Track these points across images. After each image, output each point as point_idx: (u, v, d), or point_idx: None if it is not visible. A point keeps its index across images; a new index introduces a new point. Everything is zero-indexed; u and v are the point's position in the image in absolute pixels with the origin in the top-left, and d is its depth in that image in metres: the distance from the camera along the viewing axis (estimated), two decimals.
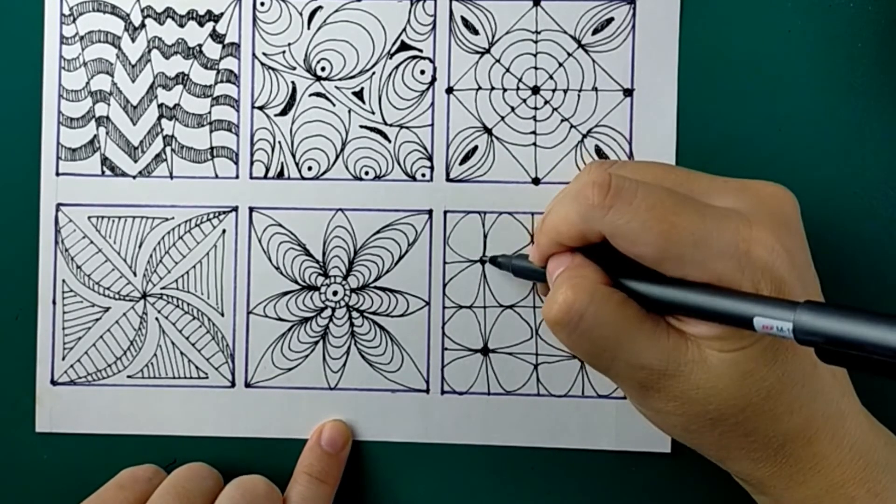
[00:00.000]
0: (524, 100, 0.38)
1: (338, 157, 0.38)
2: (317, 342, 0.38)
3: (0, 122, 0.39)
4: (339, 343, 0.38)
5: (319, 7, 0.38)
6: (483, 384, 0.38)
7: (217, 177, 0.39)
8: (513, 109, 0.38)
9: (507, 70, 0.38)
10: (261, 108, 0.39)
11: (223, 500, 0.34)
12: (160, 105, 0.39)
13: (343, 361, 0.38)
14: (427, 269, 0.38)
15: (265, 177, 0.39)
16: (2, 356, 0.39)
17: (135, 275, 0.39)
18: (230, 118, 0.39)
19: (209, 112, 0.39)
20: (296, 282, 0.38)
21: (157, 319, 0.39)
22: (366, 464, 0.38)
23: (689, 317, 0.29)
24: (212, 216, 0.39)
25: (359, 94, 0.38)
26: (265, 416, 0.38)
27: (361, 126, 0.38)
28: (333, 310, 0.38)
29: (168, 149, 0.39)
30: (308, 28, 0.38)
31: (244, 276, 0.38)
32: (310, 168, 0.38)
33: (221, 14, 0.39)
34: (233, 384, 0.38)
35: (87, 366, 0.39)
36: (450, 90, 0.38)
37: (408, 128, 0.38)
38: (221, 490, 0.35)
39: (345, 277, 0.38)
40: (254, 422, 0.38)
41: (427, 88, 0.38)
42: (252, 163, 0.39)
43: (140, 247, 0.39)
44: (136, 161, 0.39)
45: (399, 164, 0.38)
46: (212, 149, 0.39)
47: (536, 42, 0.38)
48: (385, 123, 0.38)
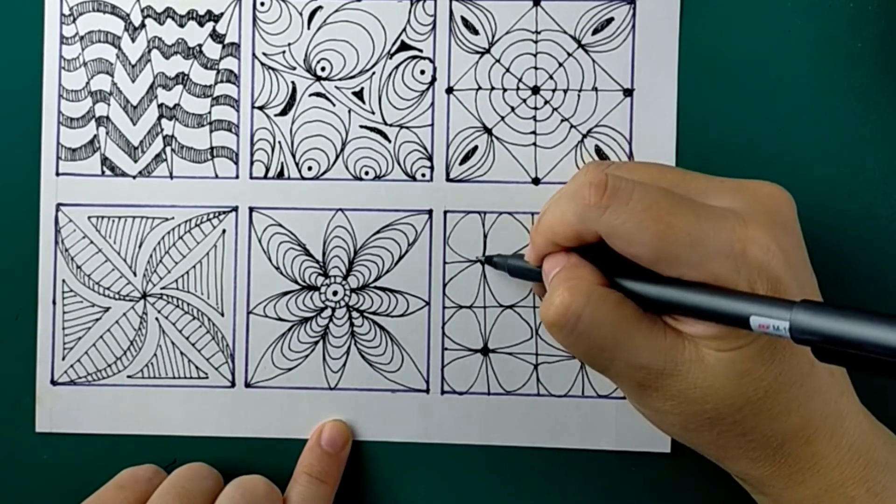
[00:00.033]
0: (524, 100, 0.38)
1: (338, 157, 0.38)
2: (317, 342, 0.38)
3: (0, 122, 0.39)
4: (339, 343, 0.38)
5: (319, 7, 0.38)
6: (483, 384, 0.38)
7: (217, 177, 0.39)
8: (513, 109, 0.38)
9: (507, 70, 0.38)
10: (261, 108, 0.39)
11: (223, 500, 0.34)
12: (160, 105, 0.39)
13: (343, 361, 0.38)
14: (427, 269, 0.38)
15: (265, 177, 0.39)
16: (2, 356, 0.39)
17: (135, 275, 0.39)
18: (230, 118, 0.39)
19: (209, 112, 0.39)
20: (296, 282, 0.38)
21: (157, 319, 0.39)
22: (366, 464, 0.38)
23: (686, 316, 0.29)
24: (212, 216, 0.39)
25: (359, 94, 0.38)
26: (265, 416, 0.38)
27: (361, 126, 0.38)
28: (333, 310, 0.38)
29: (168, 149, 0.39)
30: (308, 28, 0.38)
31: (244, 276, 0.38)
32: (310, 168, 0.38)
33: (221, 14, 0.39)
34: (233, 384, 0.38)
35: (87, 366, 0.39)
36: (450, 90, 0.38)
37: (408, 128, 0.38)
38: (221, 490, 0.35)
39: (345, 277, 0.38)
40: (254, 422, 0.38)
41: (427, 88, 0.38)
42: (252, 163, 0.39)
43: (140, 247, 0.39)
44: (136, 161, 0.39)
45: (399, 164, 0.38)
46: (212, 149, 0.39)
47: (536, 42, 0.38)
48: (385, 123, 0.38)
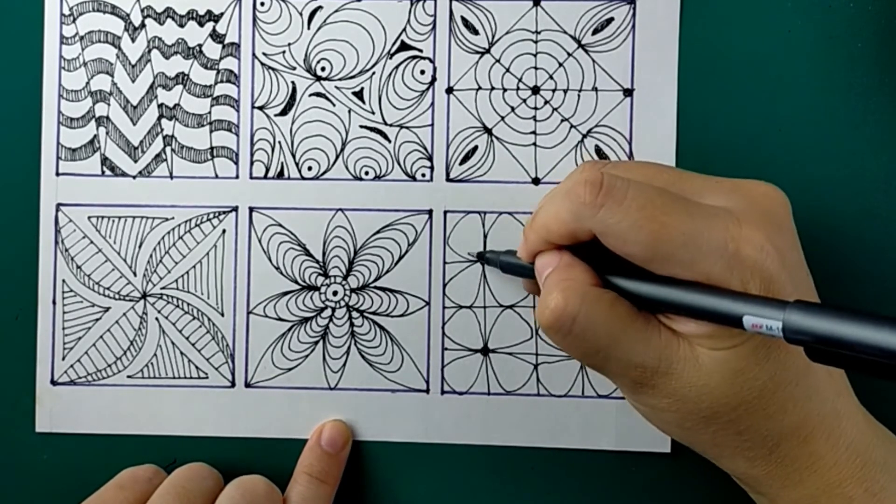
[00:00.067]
0: (524, 100, 0.38)
1: (338, 157, 0.38)
2: (317, 342, 0.38)
3: (0, 122, 0.39)
4: (339, 343, 0.38)
5: (319, 7, 0.38)
6: (483, 384, 0.38)
7: (217, 177, 0.39)
8: (513, 109, 0.38)
9: (507, 70, 0.38)
10: (261, 108, 0.39)
11: (223, 500, 0.34)
12: (160, 105, 0.39)
13: (343, 361, 0.38)
14: (427, 269, 0.38)
15: (265, 177, 0.39)
16: (2, 356, 0.39)
17: (135, 275, 0.39)
18: (230, 118, 0.39)
19: (209, 112, 0.39)
20: (296, 282, 0.38)
21: (157, 319, 0.39)
22: (366, 464, 0.38)
23: (679, 315, 0.29)
24: (212, 216, 0.39)
25: (359, 94, 0.38)
26: (265, 416, 0.38)
27: (361, 126, 0.38)
28: (333, 310, 0.38)
29: (168, 149, 0.39)
30: (308, 28, 0.38)
31: (244, 276, 0.38)
32: (310, 168, 0.38)
33: (221, 14, 0.39)
34: (233, 384, 0.38)
35: (87, 366, 0.39)
36: (450, 90, 0.38)
37: (408, 128, 0.38)
38: (221, 490, 0.35)
39: (345, 277, 0.38)
40: (254, 422, 0.38)
41: (427, 88, 0.38)
42: (252, 163, 0.39)
43: (140, 247, 0.39)
44: (136, 161, 0.39)
45: (399, 164, 0.38)
46: (212, 149, 0.39)
47: (536, 42, 0.38)
48: (385, 123, 0.38)
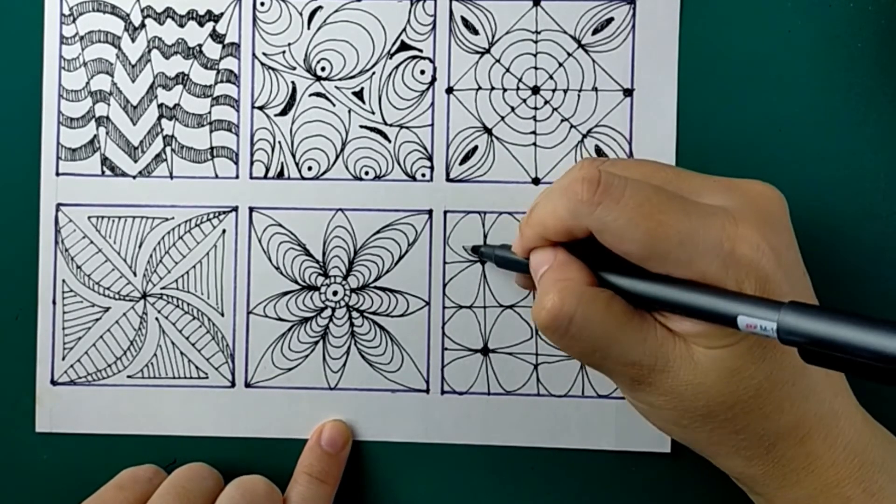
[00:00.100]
0: (524, 100, 0.38)
1: (338, 157, 0.38)
2: (317, 342, 0.38)
3: (0, 122, 0.39)
4: (339, 343, 0.38)
5: (319, 7, 0.38)
6: (483, 384, 0.38)
7: (217, 177, 0.39)
8: (513, 109, 0.38)
9: (507, 70, 0.38)
10: (261, 108, 0.39)
11: (223, 501, 0.34)
12: (160, 105, 0.39)
13: (343, 361, 0.38)
14: (427, 269, 0.38)
15: (265, 177, 0.39)
16: (2, 356, 0.39)
17: (135, 275, 0.39)
18: (230, 118, 0.39)
19: (209, 112, 0.39)
20: (296, 282, 0.38)
21: (157, 319, 0.39)
22: (366, 464, 0.38)
23: (674, 314, 0.29)
24: (212, 216, 0.39)
25: (359, 94, 0.38)
26: (265, 416, 0.38)
27: (361, 126, 0.38)
28: (333, 310, 0.38)
29: (168, 149, 0.39)
30: (308, 28, 0.38)
31: (244, 276, 0.38)
32: (310, 168, 0.38)
33: (221, 14, 0.39)
34: (233, 384, 0.38)
35: (87, 366, 0.39)
36: (450, 90, 0.38)
37: (408, 128, 0.38)
38: (222, 490, 0.35)
39: (345, 277, 0.38)
40: (254, 422, 0.38)
41: (427, 88, 0.38)
42: (252, 163, 0.39)
43: (140, 247, 0.39)
44: (136, 161, 0.39)
45: (399, 164, 0.38)
46: (212, 149, 0.39)
47: (536, 42, 0.38)
48: (385, 123, 0.38)
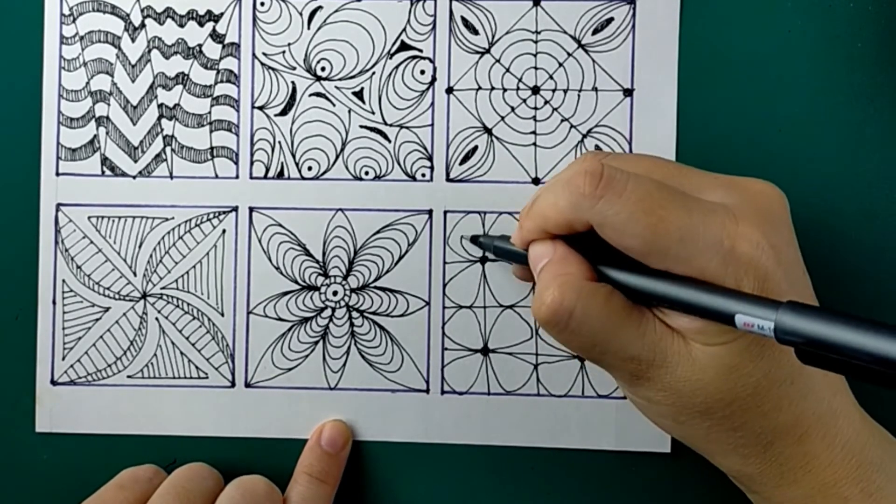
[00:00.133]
0: (524, 100, 0.38)
1: (338, 157, 0.38)
2: (317, 342, 0.38)
3: (0, 122, 0.39)
4: (339, 343, 0.38)
5: (319, 7, 0.38)
6: (483, 384, 0.38)
7: (217, 177, 0.39)
8: (513, 109, 0.38)
9: (507, 70, 0.38)
10: (261, 108, 0.39)
11: (223, 501, 0.34)
12: (160, 105, 0.39)
13: (343, 361, 0.38)
14: (427, 269, 0.38)
15: (265, 177, 0.39)
16: (2, 356, 0.39)
17: (135, 275, 0.39)
18: (230, 118, 0.39)
19: (209, 112, 0.39)
20: (296, 282, 0.38)
21: (157, 319, 0.39)
22: (366, 464, 0.38)
23: (672, 310, 0.29)
24: (212, 216, 0.39)
25: (359, 94, 0.38)
26: (265, 416, 0.38)
27: (361, 126, 0.38)
28: (333, 310, 0.38)
29: (168, 149, 0.39)
30: (308, 28, 0.38)
31: (244, 276, 0.38)
32: (310, 168, 0.38)
33: (221, 14, 0.39)
34: (233, 384, 0.38)
35: (87, 366, 0.39)
36: (450, 90, 0.38)
37: (408, 128, 0.38)
38: (222, 490, 0.35)
39: (345, 277, 0.38)
40: (254, 422, 0.38)
41: (427, 88, 0.38)
42: (252, 163, 0.39)
43: (140, 247, 0.39)
44: (136, 161, 0.39)
45: (399, 164, 0.38)
46: (212, 149, 0.39)
47: (536, 42, 0.38)
48: (385, 123, 0.38)
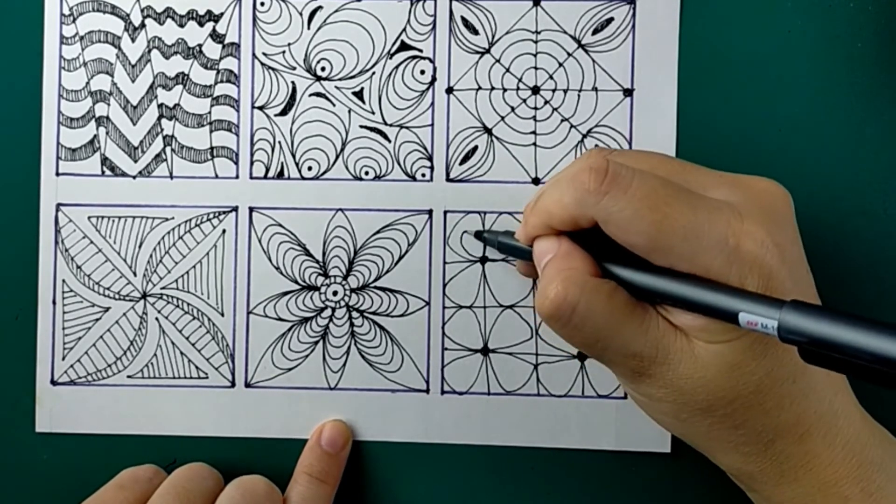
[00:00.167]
0: (524, 100, 0.38)
1: (338, 157, 0.38)
2: (317, 342, 0.38)
3: (0, 122, 0.39)
4: (339, 343, 0.38)
5: (319, 7, 0.38)
6: (483, 384, 0.38)
7: (217, 177, 0.39)
8: (513, 109, 0.38)
9: (507, 70, 0.38)
10: (261, 108, 0.39)
11: (223, 500, 0.34)
12: (160, 105, 0.39)
13: (343, 361, 0.38)
14: (427, 269, 0.38)
15: (265, 177, 0.39)
16: (2, 356, 0.39)
17: (135, 275, 0.39)
18: (230, 118, 0.39)
19: (209, 112, 0.39)
20: (296, 282, 0.38)
21: (157, 319, 0.39)
22: (366, 464, 0.38)
23: (676, 307, 0.29)
24: (212, 216, 0.39)
25: (359, 94, 0.38)
26: (265, 416, 0.38)
27: (361, 126, 0.38)
28: (333, 310, 0.38)
29: (168, 149, 0.39)
30: (308, 28, 0.38)
31: (244, 276, 0.38)
32: (310, 168, 0.38)
33: (221, 14, 0.39)
34: (233, 384, 0.38)
35: (87, 366, 0.39)
36: (450, 90, 0.38)
37: (408, 128, 0.38)
38: (222, 490, 0.35)
39: (345, 277, 0.38)
40: (254, 422, 0.38)
41: (427, 88, 0.38)
42: (252, 163, 0.39)
43: (140, 247, 0.39)
44: (136, 161, 0.39)
45: (399, 164, 0.38)
46: (212, 149, 0.39)
47: (536, 42, 0.38)
48: (385, 123, 0.38)
